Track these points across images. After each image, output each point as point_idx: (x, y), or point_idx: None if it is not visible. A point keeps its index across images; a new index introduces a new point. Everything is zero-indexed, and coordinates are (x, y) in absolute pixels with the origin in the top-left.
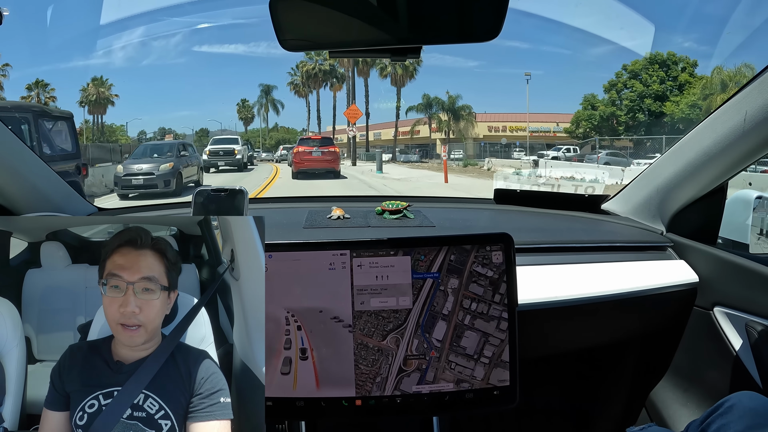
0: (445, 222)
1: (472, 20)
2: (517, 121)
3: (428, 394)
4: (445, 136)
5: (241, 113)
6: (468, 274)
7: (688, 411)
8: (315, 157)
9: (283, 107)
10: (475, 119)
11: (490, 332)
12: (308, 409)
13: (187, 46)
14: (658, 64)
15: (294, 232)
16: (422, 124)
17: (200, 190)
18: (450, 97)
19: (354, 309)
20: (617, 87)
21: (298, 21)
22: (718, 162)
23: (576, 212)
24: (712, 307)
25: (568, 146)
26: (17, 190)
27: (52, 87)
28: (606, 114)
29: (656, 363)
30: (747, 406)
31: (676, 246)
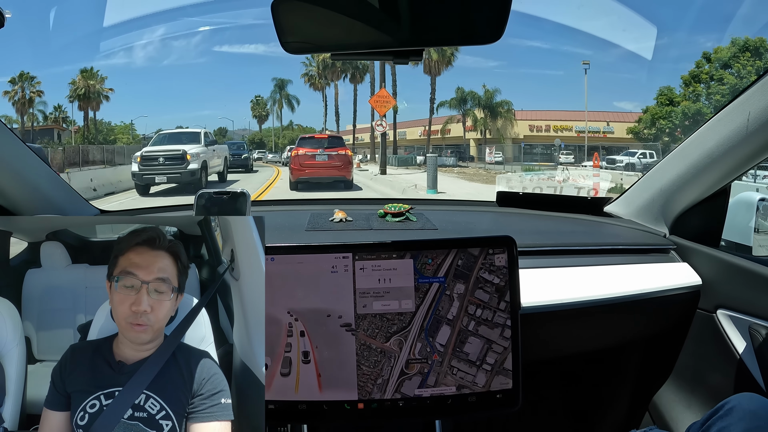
0: (448, 225)
1: (474, 22)
2: (563, 120)
3: (430, 397)
4: (481, 135)
5: (254, 111)
6: (474, 279)
7: (691, 414)
8: (320, 163)
9: (298, 103)
10: (514, 117)
11: (493, 339)
12: (310, 412)
13: (207, 46)
14: (750, 51)
15: (296, 235)
16: (455, 122)
17: (202, 193)
18: (487, 91)
19: (356, 312)
20: (701, 78)
21: (300, 23)
22: (722, 164)
23: (579, 215)
24: (715, 310)
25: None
26: (19, 191)
27: (38, 80)
28: (691, 111)
29: (659, 366)
30: (747, 408)
31: (679, 248)
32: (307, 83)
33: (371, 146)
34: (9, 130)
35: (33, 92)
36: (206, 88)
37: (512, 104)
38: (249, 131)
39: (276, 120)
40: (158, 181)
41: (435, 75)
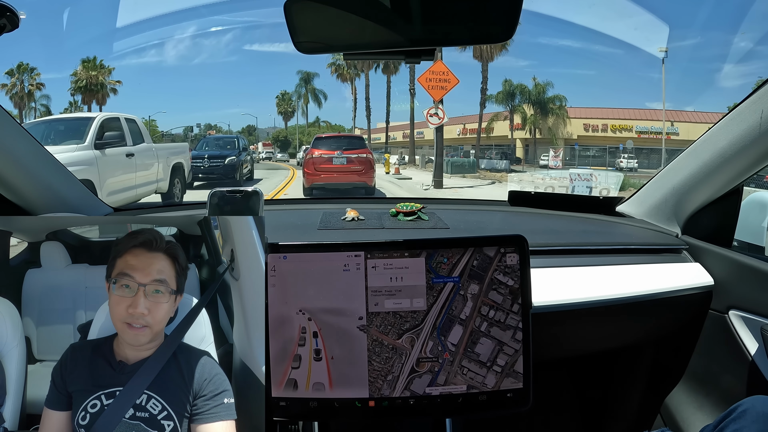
0: (460, 224)
1: (486, 21)
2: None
3: (441, 395)
4: (530, 135)
5: (280, 107)
6: (489, 281)
7: (703, 416)
8: (337, 167)
9: (325, 98)
10: (567, 115)
11: (505, 341)
12: (321, 410)
13: (237, 45)
14: None
15: (308, 234)
16: (502, 119)
17: (215, 191)
18: (537, 85)
19: (368, 310)
20: None
21: (313, 23)
22: (734, 164)
23: (591, 214)
24: (728, 311)
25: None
26: (33, 190)
27: (37, 72)
28: None
29: (671, 367)
30: (760, 410)
31: (691, 248)
32: (334, 74)
33: (410, 145)
34: (24, 129)
35: (32, 85)
36: (231, 86)
37: (566, 100)
38: (274, 128)
39: (302, 116)
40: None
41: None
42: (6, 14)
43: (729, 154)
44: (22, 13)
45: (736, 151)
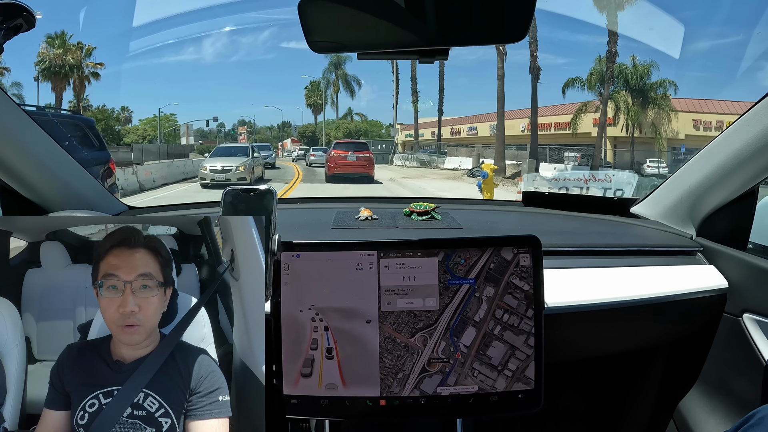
0: (473, 224)
1: (499, 21)
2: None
3: (452, 396)
4: (627, 133)
5: (308, 99)
6: (505, 284)
7: (716, 421)
8: (350, 162)
9: (359, 86)
10: (672, 108)
11: (517, 346)
12: (333, 408)
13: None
14: None
15: (322, 233)
16: (592, 110)
17: (229, 189)
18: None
19: (380, 309)
20: None
21: (327, 23)
22: (749, 165)
23: (605, 215)
24: (742, 314)
25: None
26: (50, 187)
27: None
28: None
29: (684, 370)
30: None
31: (706, 251)
32: None
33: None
34: (41, 128)
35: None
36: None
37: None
38: (303, 124)
39: (331, 108)
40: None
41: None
42: (23, 14)
43: (744, 156)
44: (38, 12)
45: (751, 152)
